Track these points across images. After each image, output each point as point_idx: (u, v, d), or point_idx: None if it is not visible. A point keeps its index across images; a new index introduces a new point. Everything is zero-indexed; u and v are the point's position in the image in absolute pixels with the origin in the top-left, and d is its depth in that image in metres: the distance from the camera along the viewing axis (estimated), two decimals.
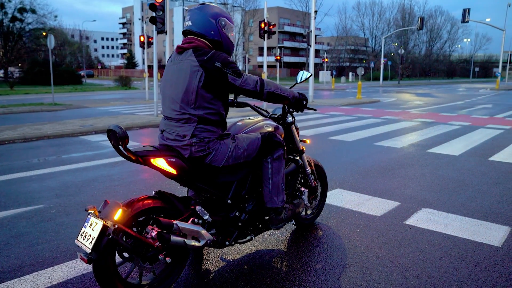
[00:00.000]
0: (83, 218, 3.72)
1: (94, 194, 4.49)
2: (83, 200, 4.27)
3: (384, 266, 2.86)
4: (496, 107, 17.29)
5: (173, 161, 2.30)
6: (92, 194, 4.51)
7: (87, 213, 2.13)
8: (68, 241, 3.26)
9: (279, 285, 2.61)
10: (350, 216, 3.86)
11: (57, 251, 3.08)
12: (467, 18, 32.79)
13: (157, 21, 10.20)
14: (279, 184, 2.70)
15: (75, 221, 3.69)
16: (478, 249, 3.16)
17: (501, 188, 4.84)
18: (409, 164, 6.12)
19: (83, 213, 3.86)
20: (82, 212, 3.90)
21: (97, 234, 2.00)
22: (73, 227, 3.55)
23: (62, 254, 3.04)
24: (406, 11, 78.62)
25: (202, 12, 2.40)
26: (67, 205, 4.13)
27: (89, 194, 4.50)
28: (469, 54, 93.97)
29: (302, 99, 2.70)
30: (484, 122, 11.49)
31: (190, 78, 2.30)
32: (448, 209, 4.08)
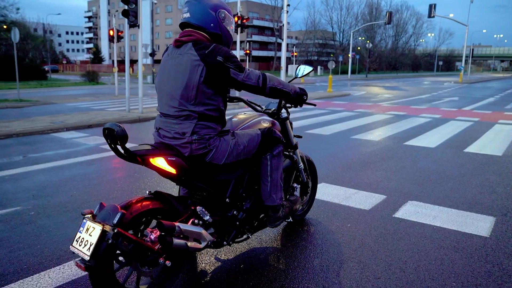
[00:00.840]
0: (66, 220, 3.56)
1: (74, 194, 4.28)
2: (62, 201, 4.07)
3: (381, 261, 2.87)
4: (462, 99, 17.91)
5: (173, 160, 2.19)
6: (72, 194, 4.30)
7: (82, 218, 2.00)
8: (52, 244, 3.09)
9: (279, 284, 2.56)
10: (339, 211, 3.86)
11: (41, 256, 2.91)
12: (433, 13, 33.70)
13: (129, 15, 9.87)
14: (278, 181, 2.64)
15: (57, 223, 3.50)
16: (469, 240, 3.23)
17: (480, 179, 4.99)
18: (388, 157, 6.22)
19: (64, 215, 3.68)
20: (64, 213, 3.72)
21: (95, 239, 1.88)
22: (55, 229, 3.37)
23: (47, 259, 2.87)
24: (373, 5, 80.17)
25: (201, 3, 2.28)
26: (46, 206, 3.92)
27: (68, 194, 4.30)
28: (433, 48, 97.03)
29: (303, 94, 2.64)
30: (453, 115, 11.86)
31: (191, 73, 2.18)
32: (433, 201, 4.15)
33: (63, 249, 3.00)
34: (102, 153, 6.25)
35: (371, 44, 60.82)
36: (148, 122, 9.93)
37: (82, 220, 1.99)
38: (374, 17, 78.82)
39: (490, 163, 5.83)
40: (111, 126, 1.95)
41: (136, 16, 10.01)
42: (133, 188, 4.51)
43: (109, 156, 6.06)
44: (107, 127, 1.97)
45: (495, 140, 7.70)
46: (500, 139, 7.87)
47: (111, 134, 1.96)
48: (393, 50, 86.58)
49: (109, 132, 1.97)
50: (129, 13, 9.90)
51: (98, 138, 7.58)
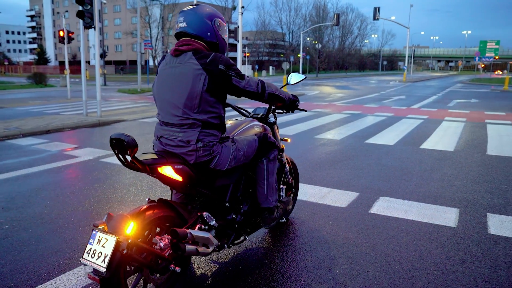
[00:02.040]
0: (45, 232, 3.44)
1: (48, 205, 4.13)
2: (37, 212, 3.92)
3: (366, 255, 3.06)
4: (409, 98, 18.96)
5: (179, 168, 2.24)
6: (45, 204, 4.15)
7: (91, 229, 2.00)
8: (37, 259, 2.99)
9: (277, 283, 2.67)
10: (319, 210, 4.03)
11: (28, 272, 2.81)
12: (378, 15, 35.31)
13: (85, 16, 9.54)
14: (273, 184, 2.75)
15: (36, 236, 3.38)
16: (440, 231, 3.51)
17: (439, 174, 5.39)
18: (353, 155, 6.52)
19: (42, 227, 3.56)
20: (41, 225, 3.59)
21: (110, 250, 1.89)
22: (36, 242, 3.25)
23: (35, 275, 2.78)
24: (320, 7, 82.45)
25: (197, 13, 2.33)
26: (21, 219, 3.76)
27: (41, 204, 4.14)
28: (377, 49, 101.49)
29: (296, 101, 2.77)
30: (404, 113, 12.56)
31: (194, 82, 2.23)
32: (402, 196, 4.45)
33: (50, 263, 2.92)
34: (69, 160, 6.04)
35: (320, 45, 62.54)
36: (109, 126, 9.66)
37: (91, 231, 1.99)
38: (321, 19, 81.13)
39: (445, 158, 6.30)
40: (119, 137, 1.97)
41: (91, 18, 9.70)
42: (109, 195, 4.43)
43: (77, 163, 5.87)
44: (114, 138, 1.99)
45: (445, 137, 8.29)
46: (449, 135, 8.48)
47: (120, 144, 1.98)
48: (340, 51, 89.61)
49: (117, 142, 1.99)
50: (85, 14, 9.57)
51: (60, 144, 7.28)
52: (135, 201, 4.24)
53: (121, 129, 9.09)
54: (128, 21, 67.04)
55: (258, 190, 2.74)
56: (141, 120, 10.62)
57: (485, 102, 17.04)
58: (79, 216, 3.83)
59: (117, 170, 5.47)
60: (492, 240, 3.34)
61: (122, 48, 69.74)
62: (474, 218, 3.81)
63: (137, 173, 5.34)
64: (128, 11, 65.36)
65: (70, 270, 2.82)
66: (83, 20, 9.64)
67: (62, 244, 3.22)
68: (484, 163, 6.04)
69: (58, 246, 3.18)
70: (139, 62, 21.80)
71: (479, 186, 4.86)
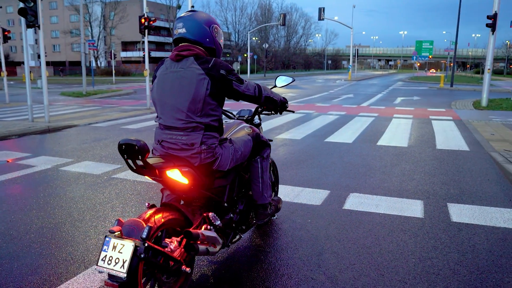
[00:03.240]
0: (18, 249, 3.26)
1: (13, 219, 3.91)
2: (2, 228, 3.70)
3: (350, 249, 3.23)
4: (357, 96, 19.81)
5: (186, 170, 2.29)
6: (10, 219, 3.92)
7: (105, 236, 1.99)
8: (16, 278, 2.84)
9: (272, 282, 2.75)
10: (296, 208, 4.17)
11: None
12: (323, 16, 36.43)
13: (28, 14, 9.02)
14: (267, 181, 2.90)
15: (8, 254, 3.20)
16: (410, 222, 3.78)
17: (399, 169, 5.74)
18: (316, 154, 6.75)
19: (12, 243, 3.37)
20: (11, 242, 3.40)
21: (129, 256, 1.89)
22: (10, 260, 3.09)
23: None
24: (265, 7, 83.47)
25: (196, 19, 2.39)
26: None
27: (5, 220, 3.90)
28: (321, 48, 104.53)
29: (285, 102, 2.89)
30: (356, 111, 13.13)
31: (197, 87, 2.29)
32: (370, 191, 4.70)
33: (32, 281, 2.80)
34: (24, 170, 5.71)
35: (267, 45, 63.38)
36: (60, 131, 9.21)
37: (104, 238, 1.97)
38: (267, 18, 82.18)
39: (401, 154, 6.71)
40: (130, 142, 2.00)
41: (35, 16, 9.18)
42: (78, 205, 4.27)
43: (34, 173, 5.57)
44: (124, 143, 2.02)
45: (397, 133, 8.81)
46: (401, 132, 9.02)
47: (130, 149, 2.00)
48: (286, 50, 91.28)
49: (127, 148, 2.01)
50: (28, 12, 9.05)
51: (9, 153, 6.86)
52: (107, 209, 4.13)
53: (74, 134, 8.71)
54: (66, 19, 63.64)
55: (253, 188, 2.84)
56: (94, 125, 10.23)
57: (426, 99, 18.22)
58: (51, 229, 3.67)
59: (79, 179, 5.28)
60: (456, 227, 3.66)
61: (61, 48, 66.17)
62: (437, 208, 4.13)
63: (100, 180, 5.18)
64: (66, 9, 62.03)
65: (56, 286, 2.73)
66: (25, 18, 9.12)
67: (40, 260, 3.09)
68: (436, 157, 6.51)
69: (36, 263, 3.05)
70: (83, 63, 20.87)
71: (435, 178, 5.24)
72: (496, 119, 11.10)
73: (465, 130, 9.25)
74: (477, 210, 4.06)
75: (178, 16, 2.46)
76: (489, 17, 13.96)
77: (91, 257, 3.11)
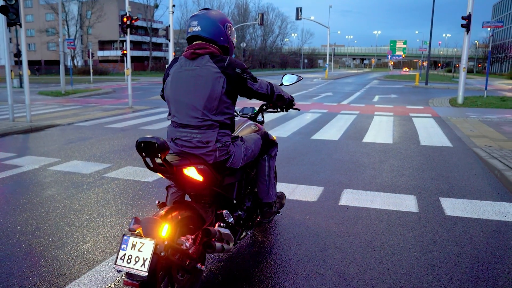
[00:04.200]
0: (18, 251, 3.17)
1: (6, 220, 3.79)
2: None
3: (352, 244, 3.29)
4: (336, 94, 20.07)
5: (201, 168, 2.29)
6: (3, 220, 3.80)
7: (123, 234, 1.97)
8: (22, 282, 2.77)
9: (279, 279, 2.78)
10: (292, 205, 4.20)
11: None
12: (300, 15, 36.69)
13: (9, 11, 8.75)
14: (273, 180, 2.92)
15: (8, 256, 3.11)
16: (407, 216, 3.88)
17: (387, 165, 5.87)
18: (305, 151, 6.82)
19: (10, 245, 3.28)
20: (8, 243, 3.31)
21: (150, 254, 1.87)
22: (10, 263, 3.00)
23: None
24: (242, 7, 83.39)
25: (210, 17, 2.39)
26: None
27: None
28: (297, 48, 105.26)
29: (292, 100, 2.92)
30: (337, 109, 13.31)
31: (213, 85, 2.29)
32: (363, 187, 4.79)
33: (35, 283, 2.73)
34: (11, 170, 5.53)
35: (245, 44, 63.41)
36: (43, 131, 8.96)
37: (122, 237, 1.95)
38: (243, 18, 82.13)
39: (387, 151, 6.85)
40: (150, 140, 2.00)
41: (17, 13, 8.92)
42: (72, 205, 4.18)
43: (22, 173, 5.41)
44: (143, 141, 2.02)
45: (381, 131, 8.99)
46: (384, 129, 9.21)
47: (150, 147, 2.00)
48: (263, 49, 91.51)
49: (145, 146, 2.01)
50: (9, 10, 8.78)
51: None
52: (102, 208, 4.06)
53: (58, 134, 8.50)
54: (42, 18, 61.74)
55: (259, 186, 2.86)
56: (77, 124, 10.01)
57: (403, 97, 18.64)
58: (48, 229, 3.59)
59: (69, 178, 5.16)
60: (451, 220, 3.78)
61: (36, 47, 64.17)
62: (431, 203, 4.25)
63: (91, 179, 5.09)
64: (41, 7, 60.22)
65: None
66: (6, 16, 8.85)
67: (41, 261, 3.01)
68: (422, 153, 6.69)
69: (37, 264, 2.97)
70: (62, 62, 20.33)
71: (424, 174, 5.39)
72: (473, 116, 11.47)
73: (445, 126, 9.52)
74: (469, 204, 4.20)
75: (192, 15, 2.45)
76: (464, 17, 14.41)
77: (93, 257, 3.06)
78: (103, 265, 2.94)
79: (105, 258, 3.06)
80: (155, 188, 4.75)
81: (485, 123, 10.10)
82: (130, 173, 5.39)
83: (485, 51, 73.24)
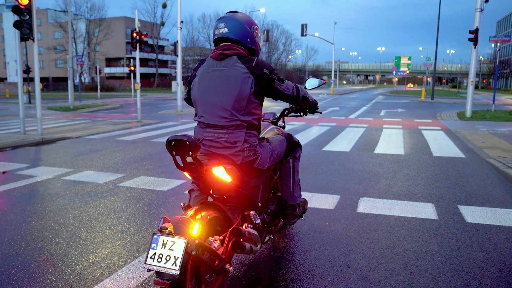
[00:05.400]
0: (35, 257, 3.15)
1: (23, 227, 3.79)
2: (15, 235, 3.58)
3: (374, 249, 3.25)
4: (343, 109, 20.10)
5: (230, 168, 2.28)
6: (21, 227, 3.80)
7: (152, 234, 1.95)
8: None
9: (304, 283, 2.74)
10: (310, 213, 4.17)
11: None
12: (305, 32, 37.07)
13: (23, 26, 8.91)
14: (298, 181, 2.92)
15: (27, 261, 3.10)
16: (427, 223, 3.83)
17: (402, 175, 5.83)
18: (318, 162, 6.79)
19: (29, 250, 3.26)
20: (27, 249, 3.29)
21: (181, 252, 1.85)
22: (31, 266, 2.99)
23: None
24: None
25: (238, 20, 2.41)
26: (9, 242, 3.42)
27: (17, 228, 3.78)
28: (301, 64, 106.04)
29: (316, 103, 2.93)
30: (345, 122, 13.31)
31: (242, 85, 2.30)
32: (379, 195, 4.75)
33: (58, 287, 2.71)
34: (25, 180, 5.54)
35: None
36: (54, 143, 9.01)
37: (152, 236, 1.94)
38: None
39: (399, 161, 6.82)
40: (181, 138, 2.00)
41: (30, 28, 9.08)
42: (89, 213, 4.17)
43: (36, 183, 5.42)
44: (174, 139, 2.02)
45: (391, 142, 8.96)
46: (395, 141, 9.18)
47: (180, 146, 1.99)
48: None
49: (176, 144, 2.00)
50: (23, 25, 8.94)
51: (6, 164, 6.66)
52: (120, 215, 4.05)
53: (69, 146, 8.54)
54: (50, 35, 62.87)
55: (283, 188, 2.86)
56: (87, 137, 10.06)
57: (410, 111, 18.63)
58: (67, 236, 3.57)
59: (84, 188, 5.16)
60: (473, 227, 3.72)
61: (44, 64, 65.11)
62: (450, 211, 4.20)
63: (106, 189, 5.09)
64: (50, 25, 61.40)
65: None
66: (20, 31, 9.00)
67: (63, 267, 2.99)
68: (435, 163, 6.65)
69: (59, 269, 2.95)
70: (71, 77, 20.58)
71: (440, 183, 5.34)
72: (482, 129, 11.42)
73: (456, 138, 9.48)
74: (489, 212, 4.14)
75: (219, 17, 2.48)
76: (471, 32, 14.49)
77: (113, 262, 3.03)
78: (124, 270, 2.92)
79: (125, 263, 3.03)
80: (170, 197, 4.73)
81: (496, 135, 10.05)
82: (145, 183, 5.38)
83: (490, 67, 73.47)
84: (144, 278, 2.80)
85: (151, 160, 6.98)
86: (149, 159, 7.07)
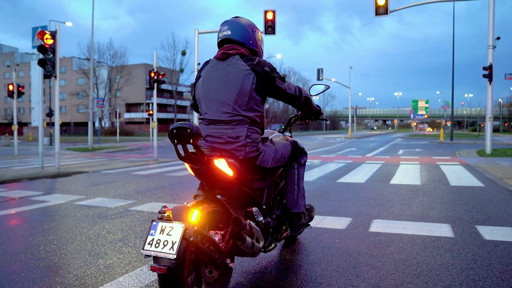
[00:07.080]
0: (42, 267, 3.13)
1: (31, 242, 3.79)
2: (19, 248, 3.58)
3: (385, 262, 3.10)
4: (360, 150, 19.97)
5: (231, 162, 2.27)
6: (28, 242, 3.80)
7: (151, 220, 1.93)
8: None
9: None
10: (320, 232, 4.05)
11: None
12: (321, 76, 37.76)
13: (46, 64, 9.39)
14: (303, 189, 2.84)
15: (27, 269, 3.07)
16: (442, 240, 3.66)
17: (417, 201, 5.66)
18: (331, 191, 6.68)
19: (39, 267, 3.24)
20: (30, 260, 3.28)
21: (178, 237, 1.82)
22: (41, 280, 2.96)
23: None
24: None
25: (240, 22, 2.52)
26: (6, 253, 3.41)
27: (24, 244, 3.78)
28: None
29: (320, 110, 2.94)
30: (362, 160, 13.18)
31: (243, 81, 2.35)
32: (393, 218, 4.60)
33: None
34: (37, 204, 5.60)
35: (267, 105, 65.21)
36: (70, 176, 9.16)
37: (151, 223, 1.91)
38: None
39: (416, 190, 6.64)
40: (183, 125, 2.00)
41: (53, 66, 9.56)
42: (94, 230, 4.16)
43: (47, 206, 5.46)
44: (176, 127, 2.01)
45: (408, 175, 8.79)
46: (411, 174, 9.00)
47: (182, 133, 1.99)
48: (285, 112, 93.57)
49: (178, 132, 2.00)
50: (46, 63, 9.43)
51: (22, 192, 6.78)
52: (127, 232, 4.01)
53: (85, 179, 8.66)
54: (73, 82, 65.87)
55: (288, 195, 2.80)
56: (103, 171, 10.21)
57: (428, 151, 18.36)
58: (74, 251, 3.55)
59: (95, 211, 5.17)
60: (491, 244, 3.54)
61: (67, 109, 67.80)
62: (467, 230, 4.02)
63: (116, 212, 5.08)
64: (74, 72, 64.49)
65: None
66: (44, 68, 9.47)
67: (65, 274, 2.95)
68: (453, 191, 6.45)
69: (65, 278, 2.91)
70: (91, 119, 21.29)
71: (458, 207, 5.15)
72: (503, 163, 11.12)
73: (475, 171, 9.24)
74: (509, 230, 3.95)
75: (222, 21, 2.59)
76: (485, 68, 14.53)
77: (116, 271, 2.98)
78: (126, 277, 2.86)
79: (127, 271, 2.97)
80: None
81: None
82: (154, 207, 5.37)
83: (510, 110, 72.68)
84: (145, 283, 2.73)
85: (163, 189, 7.00)
86: (162, 189, 7.09)
